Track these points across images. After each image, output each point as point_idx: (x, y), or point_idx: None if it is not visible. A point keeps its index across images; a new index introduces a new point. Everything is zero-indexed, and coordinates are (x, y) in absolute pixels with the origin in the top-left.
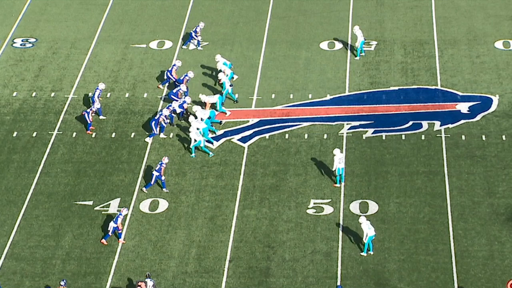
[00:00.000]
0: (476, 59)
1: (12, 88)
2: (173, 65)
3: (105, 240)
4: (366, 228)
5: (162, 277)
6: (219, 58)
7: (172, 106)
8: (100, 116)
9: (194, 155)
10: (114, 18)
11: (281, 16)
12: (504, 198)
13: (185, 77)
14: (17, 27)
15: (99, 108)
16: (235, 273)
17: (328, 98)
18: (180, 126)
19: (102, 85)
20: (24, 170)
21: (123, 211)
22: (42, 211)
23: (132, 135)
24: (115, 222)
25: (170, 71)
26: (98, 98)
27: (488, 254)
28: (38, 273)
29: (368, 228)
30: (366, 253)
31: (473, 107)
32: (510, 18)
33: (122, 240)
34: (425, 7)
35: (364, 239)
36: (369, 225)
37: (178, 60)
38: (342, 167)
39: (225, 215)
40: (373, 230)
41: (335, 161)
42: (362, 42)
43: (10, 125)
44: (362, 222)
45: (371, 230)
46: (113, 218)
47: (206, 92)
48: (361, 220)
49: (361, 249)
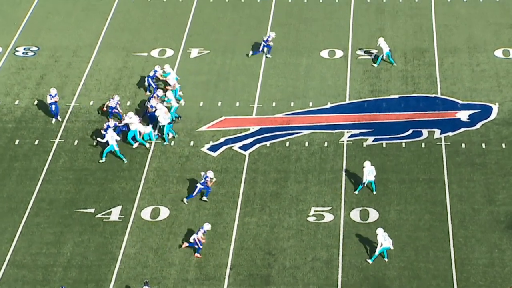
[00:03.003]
0: (476, 67)
1: (14, 96)
2: (154, 71)
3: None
4: (382, 239)
5: (163, 284)
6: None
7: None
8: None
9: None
10: (116, 26)
11: (282, 24)
12: (505, 205)
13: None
14: (19, 36)
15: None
16: (236, 280)
17: (328, 106)
18: (179, 135)
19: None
20: (26, 178)
21: (205, 226)
22: (43, 219)
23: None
24: (197, 233)
25: (151, 77)
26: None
27: (488, 262)
28: (40, 280)
29: (384, 239)
30: (372, 261)
31: (473, 115)
32: (510, 26)
33: (198, 254)
34: (425, 15)
35: (377, 250)
36: (385, 237)
37: (158, 66)
38: (372, 179)
39: (226, 222)
40: (389, 242)
41: (365, 173)
42: (387, 53)
43: (12, 133)
44: (379, 233)
45: (387, 241)
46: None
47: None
48: (378, 231)
49: (365, 256)
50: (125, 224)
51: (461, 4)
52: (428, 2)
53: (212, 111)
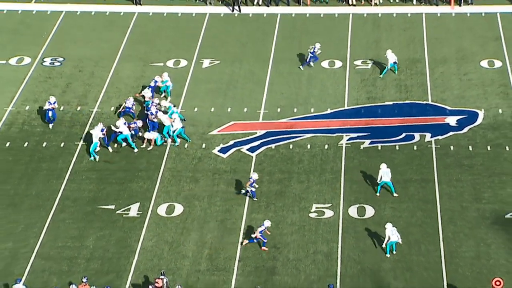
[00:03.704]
0: (463, 77)
1: (42, 103)
2: (155, 81)
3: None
4: (390, 233)
5: (177, 274)
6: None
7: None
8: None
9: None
10: (134, 39)
11: (286, 37)
12: (490, 203)
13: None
14: (47, 48)
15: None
16: (243, 271)
17: (328, 111)
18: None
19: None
20: (52, 177)
21: (266, 223)
22: (68, 215)
23: (150, 148)
24: (261, 233)
25: (152, 87)
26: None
27: (475, 255)
28: (65, 271)
29: (391, 233)
30: (389, 254)
31: (461, 120)
32: (495, 39)
33: (264, 248)
34: (417, 28)
35: (384, 243)
36: (392, 232)
37: (158, 76)
38: (386, 180)
39: (235, 218)
40: (396, 236)
41: (379, 174)
42: (392, 64)
43: (40, 136)
44: (388, 228)
45: (394, 236)
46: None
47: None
48: (387, 226)
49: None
50: (142, 219)
51: (450, 18)
52: (420, 17)
53: (222, 116)
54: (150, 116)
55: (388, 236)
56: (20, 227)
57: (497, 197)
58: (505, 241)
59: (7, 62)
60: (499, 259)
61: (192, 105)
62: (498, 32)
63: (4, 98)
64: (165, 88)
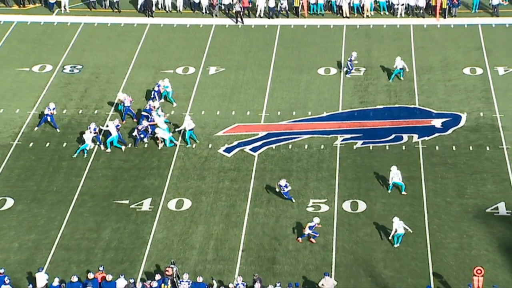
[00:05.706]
0: (448, 83)
1: (62, 107)
2: (158, 86)
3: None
4: (397, 226)
5: (186, 264)
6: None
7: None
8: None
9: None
10: (147, 48)
11: (286, 46)
12: (472, 199)
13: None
14: (67, 56)
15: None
16: (247, 261)
17: (324, 115)
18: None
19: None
20: (72, 175)
21: (315, 220)
22: (86, 209)
23: (160, 146)
24: (310, 229)
25: (156, 91)
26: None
27: (458, 246)
28: (83, 260)
29: (398, 226)
30: (397, 244)
31: (446, 123)
32: (477, 48)
33: (313, 240)
34: (406, 39)
35: (391, 235)
36: (399, 225)
37: (161, 80)
38: (397, 181)
39: (239, 212)
40: (402, 229)
41: (390, 175)
42: (398, 70)
43: (60, 137)
44: (395, 221)
45: (400, 228)
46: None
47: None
48: (394, 219)
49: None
50: (154, 213)
51: (436, 30)
52: (408, 28)
53: (227, 118)
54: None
55: (395, 229)
56: (43, 220)
57: (479, 193)
58: (486, 234)
59: (30, 69)
60: (480, 249)
61: (200, 108)
62: (480, 42)
63: (27, 103)
64: (166, 94)
